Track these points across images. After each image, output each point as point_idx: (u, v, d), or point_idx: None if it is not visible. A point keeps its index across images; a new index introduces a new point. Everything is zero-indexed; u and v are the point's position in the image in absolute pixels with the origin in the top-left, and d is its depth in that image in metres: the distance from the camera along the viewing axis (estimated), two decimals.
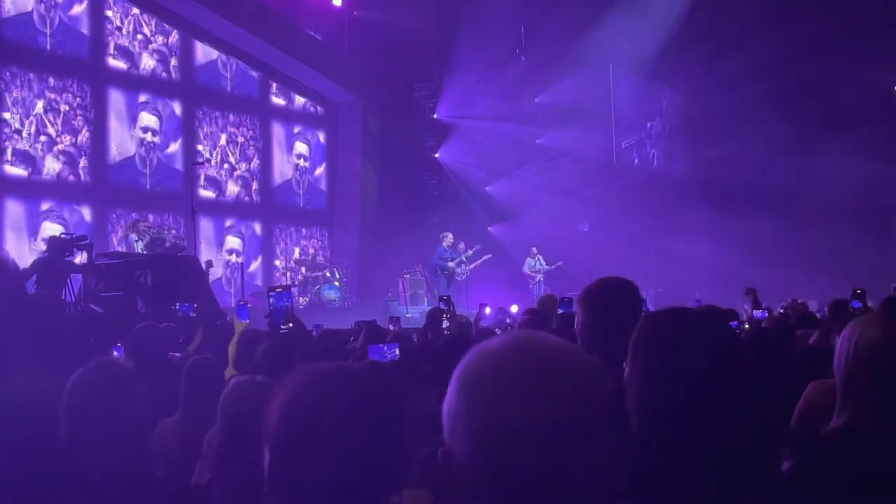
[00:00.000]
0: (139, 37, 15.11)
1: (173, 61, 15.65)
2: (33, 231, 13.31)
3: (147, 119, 15.04)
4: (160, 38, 15.45)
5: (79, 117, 14.09)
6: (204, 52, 16.13)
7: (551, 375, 1.00)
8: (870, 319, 2.10)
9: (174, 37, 15.66)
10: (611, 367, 1.73)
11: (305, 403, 1.29)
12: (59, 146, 13.80)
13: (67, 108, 13.93)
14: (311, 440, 1.26)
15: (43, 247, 12.22)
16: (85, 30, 14.31)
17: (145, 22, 15.22)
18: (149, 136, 15.00)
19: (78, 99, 14.09)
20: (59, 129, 13.82)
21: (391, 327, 6.86)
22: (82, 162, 14.12)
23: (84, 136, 14.15)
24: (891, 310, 4.08)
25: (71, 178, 13.95)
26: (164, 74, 15.50)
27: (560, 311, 5.51)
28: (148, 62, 15.22)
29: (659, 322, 1.66)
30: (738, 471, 1.54)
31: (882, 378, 1.94)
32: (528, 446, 0.97)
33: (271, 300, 3.86)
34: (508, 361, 1.02)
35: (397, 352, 3.86)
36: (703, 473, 1.49)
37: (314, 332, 5.99)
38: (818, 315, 6.81)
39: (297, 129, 17.81)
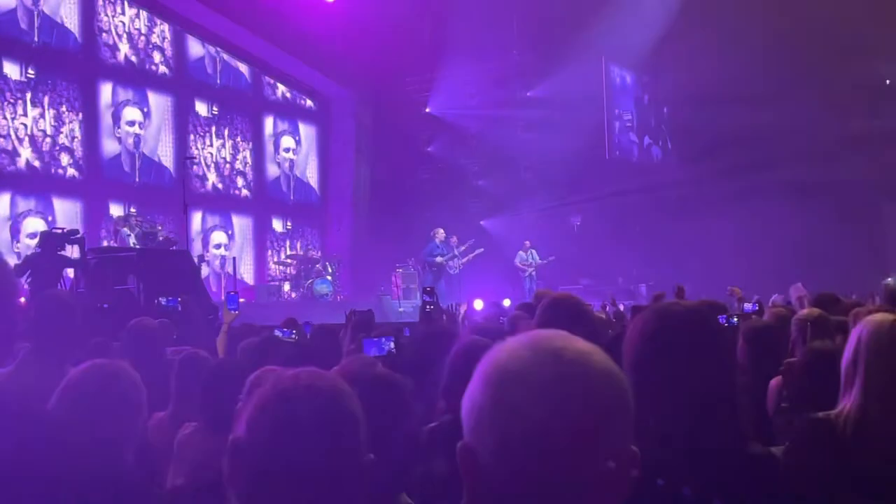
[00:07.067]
0: (129, 31, 15.02)
1: (164, 55, 15.57)
2: (15, 228, 13.16)
3: (135, 114, 14.95)
4: (149, 31, 15.36)
5: (65, 112, 13.99)
6: (195, 46, 16.05)
7: (585, 380, 1.00)
8: (881, 316, 2.16)
9: (165, 30, 15.57)
10: None
11: (271, 420, 1.22)
12: (46, 141, 13.71)
13: (53, 103, 13.83)
14: (276, 459, 1.20)
15: (27, 243, 12.17)
16: (73, 24, 14.20)
17: (135, 16, 15.13)
18: (136, 130, 14.90)
19: (65, 93, 13.99)
20: (45, 123, 13.72)
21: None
22: (68, 156, 14.02)
23: (71, 130, 14.05)
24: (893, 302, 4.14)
25: (58, 172, 13.85)
26: (154, 68, 15.41)
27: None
28: (138, 56, 15.13)
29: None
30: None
31: (887, 367, 2.01)
32: (553, 448, 0.97)
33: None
34: (542, 362, 1.01)
35: (393, 345, 3.79)
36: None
37: (306, 329, 5.91)
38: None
39: (288, 124, 17.75)
